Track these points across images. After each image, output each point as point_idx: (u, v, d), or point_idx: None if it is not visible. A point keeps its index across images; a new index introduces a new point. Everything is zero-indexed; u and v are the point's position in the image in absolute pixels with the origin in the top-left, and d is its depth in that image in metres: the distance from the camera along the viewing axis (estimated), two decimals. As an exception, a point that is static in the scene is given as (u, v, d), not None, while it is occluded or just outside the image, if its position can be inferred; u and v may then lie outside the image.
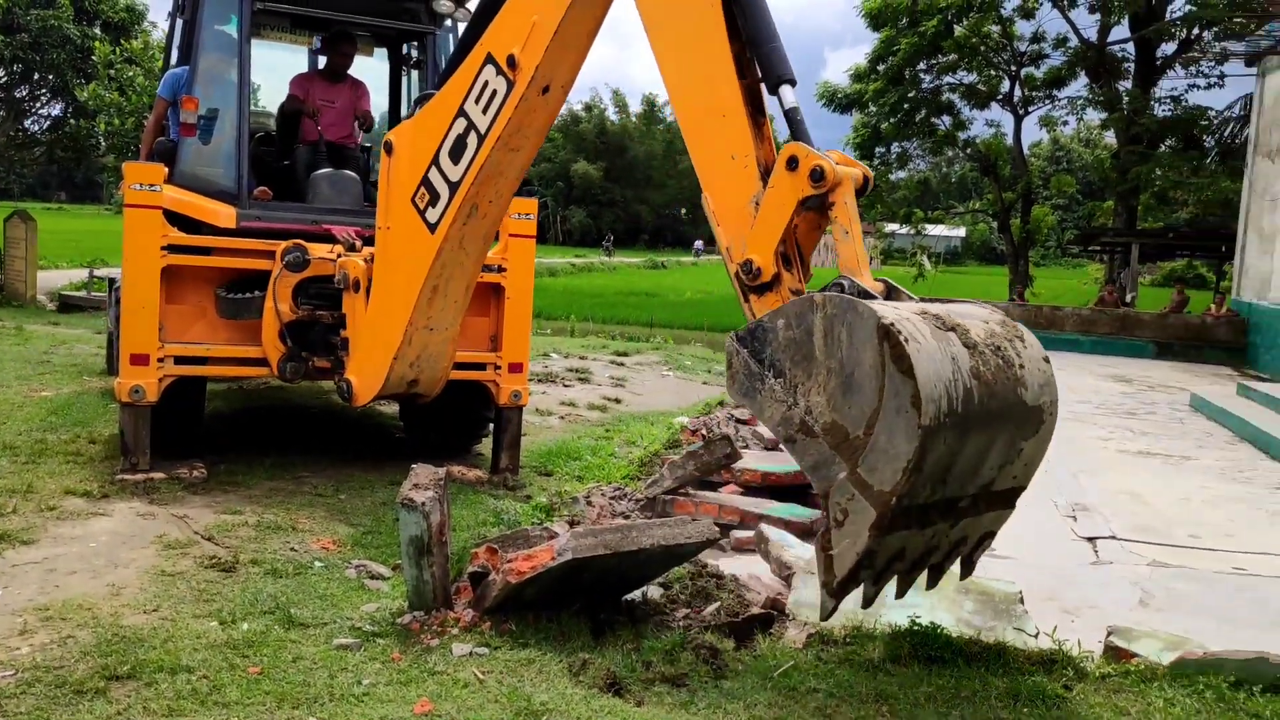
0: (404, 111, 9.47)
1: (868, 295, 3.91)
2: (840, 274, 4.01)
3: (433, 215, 5.95)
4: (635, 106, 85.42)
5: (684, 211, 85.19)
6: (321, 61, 8.90)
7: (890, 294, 4.06)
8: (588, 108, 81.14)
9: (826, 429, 3.75)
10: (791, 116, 4.29)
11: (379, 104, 9.21)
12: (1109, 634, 4.87)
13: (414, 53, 9.03)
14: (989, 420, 3.78)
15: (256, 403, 10.47)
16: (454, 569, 5.02)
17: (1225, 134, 27.85)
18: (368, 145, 9.06)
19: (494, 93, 5.45)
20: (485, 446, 8.45)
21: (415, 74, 9.08)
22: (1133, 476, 9.21)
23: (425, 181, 5.95)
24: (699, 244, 70.55)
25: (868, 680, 4.28)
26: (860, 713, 4.00)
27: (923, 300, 4.08)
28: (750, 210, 4.25)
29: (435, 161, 5.86)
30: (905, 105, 29.49)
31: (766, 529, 6.12)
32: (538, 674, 4.19)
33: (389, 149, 6.23)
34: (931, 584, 4.26)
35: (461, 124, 5.66)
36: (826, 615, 3.90)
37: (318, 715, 3.80)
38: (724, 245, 4.35)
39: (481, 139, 5.58)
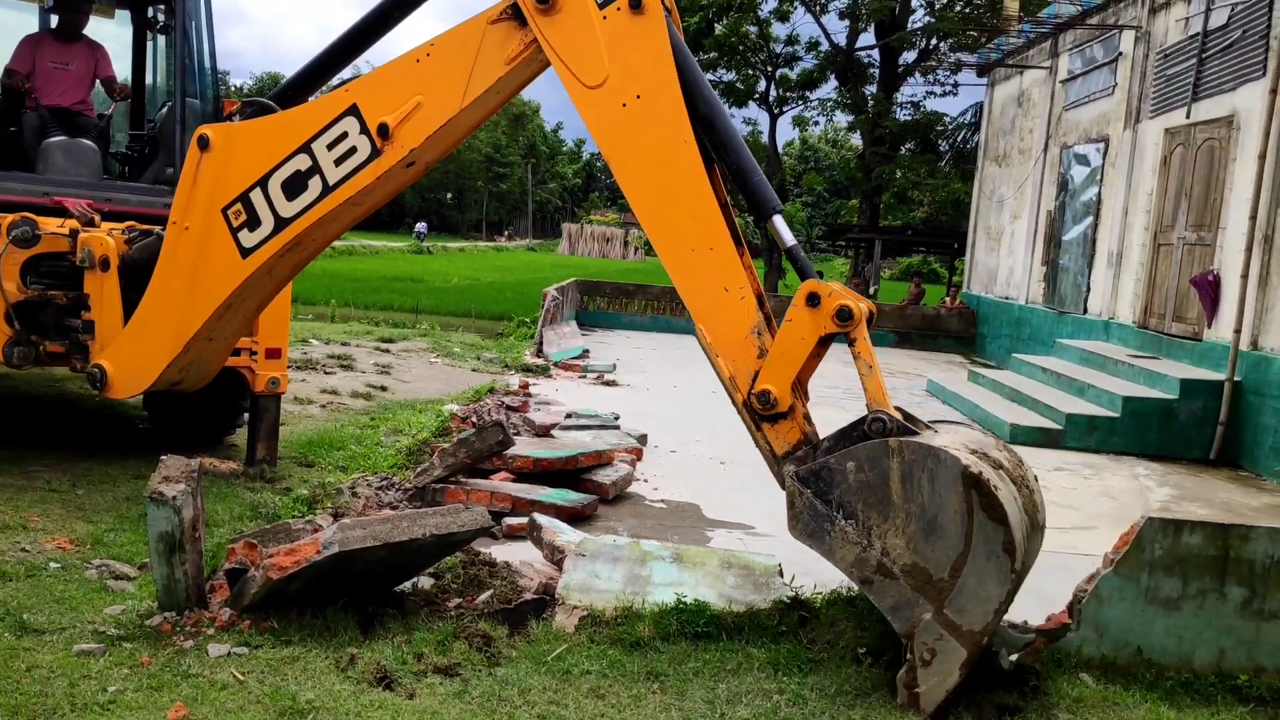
0: (149, 80, 8.87)
1: (909, 430, 4.06)
2: (871, 409, 4.13)
3: (248, 240, 5.50)
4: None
5: (450, 196, 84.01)
6: (54, 21, 8.18)
7: (910, 420, 4.27)
8: (348, 86, 78.47)
9: (907, 571, 3.90)
10: (794, 254, 4.42)
11: (120, 72, 8.56)
12: None
13: (160, 16, 8.45)
14: (1030, 548, 4.15)
15: (-23, 392, 9.54)
16: (209, 566, 4.76)
17: (958, 139, 30.12)
18: (105, 113, 8.41)
19: (353, 149, 5.13)
20: (240, 437, 8.04)
21: (162, 40, 8.50)
22: (878, 457, 9.80)
23: (245, 199, 5.47)
24: (421, 227, 64.55)
25: (639, 659, 4.37)
26: (632, 691, 4.08)
27: (934, 424, 4.38)
28: (752, 341, 4.32)
29: (263, 185, 5.41)
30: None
31: (539, 516, 6.13)
32: (302, 671, 4.04)
33: (204, 144, 5.63)
34: None
35: (305, 161, 5.27)
36: None
37: (56, 728, 3.51)
38: (726, 376, 4.35)
39: (327, 189, 5.23)
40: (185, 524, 4.37)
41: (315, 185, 5.27)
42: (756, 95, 31.18)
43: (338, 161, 5.19)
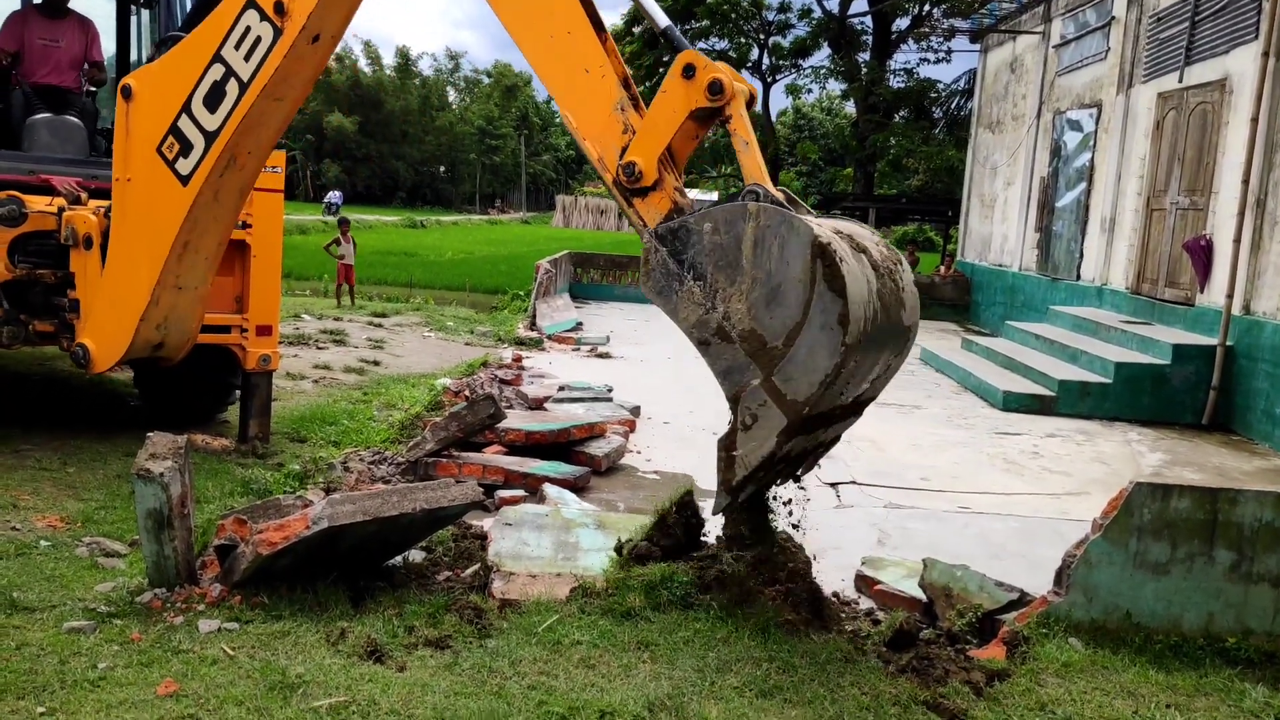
0: (134, 55, 8.78)
1: (781, 205, 3.93)
2: (749, 183, 4.03)
3: (185, 166, 5.57)
4: (388, 59, 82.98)
5: (443, 169, 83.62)
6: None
7: (791, 203, 4.10)
8: (339, 58, 77.94)
9: (744, 336, 3.86)
10: (670, 34, 4.32)
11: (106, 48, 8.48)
12: (862, 563, 5.24)
13: (144, -9, 8.36)
14: (882, 340, 4.02)
15: (-33, 371, 9.52)
16: (199, 543, 4.75)
17: (952, 106, 29.96)
18: (93, 90, 8.34)
19: (258, 39, 5.17)
20: (233, 414, 8.03)
21: (146, 14, 8.41)
22: (870, 425, 9.80)
23: (175, 130, 5.55)
24: (334, 196, 57.28)
25: (629, 629, 4.37)
26: (623, 661, 4.09)
27: (821, 215, 4.19)
28: (616, 118, 4.26)
29: (187, 109, 5.48)
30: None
31: (549, 489, 6.17)
32: (293, 646, 4.04)
33: (127, 94, 5.73)
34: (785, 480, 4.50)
35: (219, 70, 5.33)
36: (718, 511, 4.10)
37: (47, 704, 3.51)
38: (595, 157, 4.32)
39: (244, 87, 5.28)
40: (173, 501, 4.37)
41: (233, 88, 5.34)
42: (749, 64, 30.97)
43: (247, 56, 5.25)
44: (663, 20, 4.37)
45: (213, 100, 5.40)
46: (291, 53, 5.15)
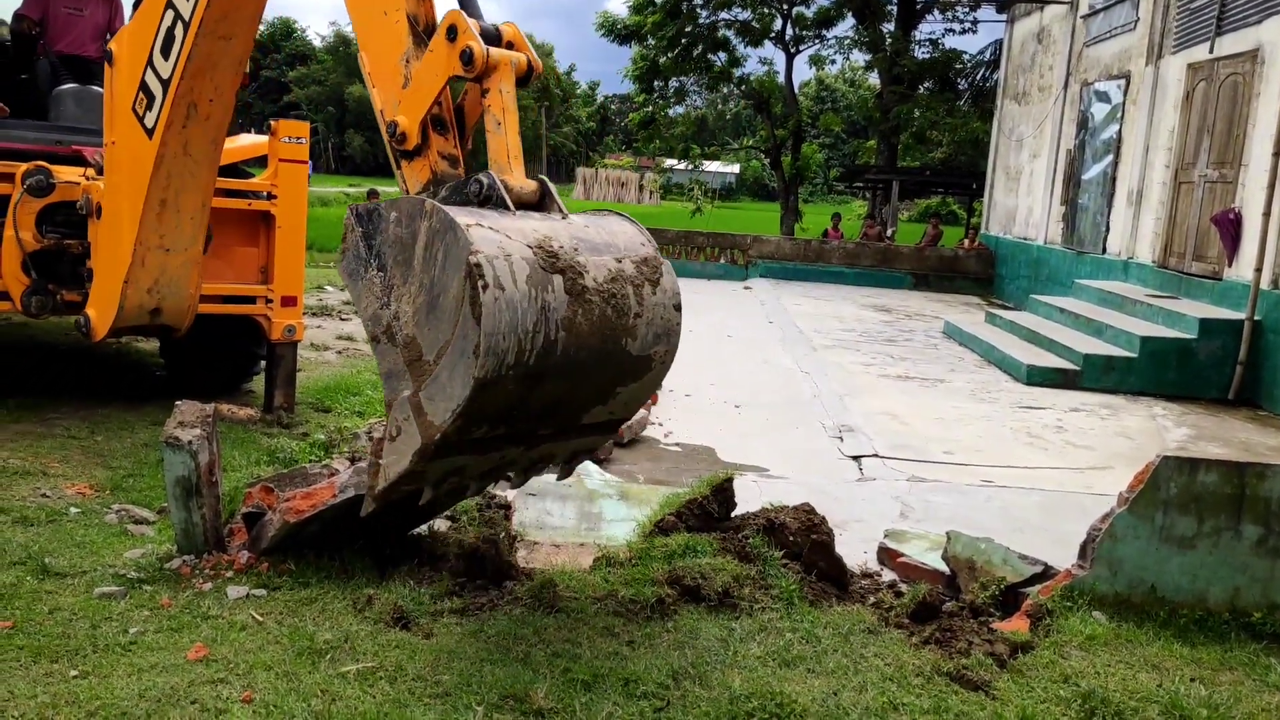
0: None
1: (502, 203, 3.63)
2: (487, 169, 3.76)
3: (150, 119, 5.57)
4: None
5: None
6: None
7: (543, 199, 3.81)
8: (360, 31, 77.74)
9: (406, 342, 3.58)
10: None
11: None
12: (885, 536, 5.24)
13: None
14: (573, 370, 3.61)
15: (-4, 341, 9.62)
16: (226, 510, 4.80)
17: (977, 77, 29.60)
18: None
19: None
20: (258, 384, 8.09)
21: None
22: (893, 399, 9.81)
23: (143, 85, 5.57)
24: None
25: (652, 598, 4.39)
26: (645, 630, 4.11)
27: (583, 215, 3.85)
28: (400, 69, 3.94)
29: (150, 63, 5.49)
30: (683, 40, 29.76)
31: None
32: (320, 612, 4.09)
33: (110, 59, 5.77)
34: (519, 483, 4.18)
35: (170, 16, 5.32)
36: (365, 514, 3.87)
37: (80, 668, 3.57)
38: (378, 108, 4.04)
39: (186, 27, 5.24)
40: (201, 468, 4.41)
41: (179, 32, 5.29)
42: (772, 34, 30.63)
43: None
44: None
45: (167, 47, 5.38)
46: None
